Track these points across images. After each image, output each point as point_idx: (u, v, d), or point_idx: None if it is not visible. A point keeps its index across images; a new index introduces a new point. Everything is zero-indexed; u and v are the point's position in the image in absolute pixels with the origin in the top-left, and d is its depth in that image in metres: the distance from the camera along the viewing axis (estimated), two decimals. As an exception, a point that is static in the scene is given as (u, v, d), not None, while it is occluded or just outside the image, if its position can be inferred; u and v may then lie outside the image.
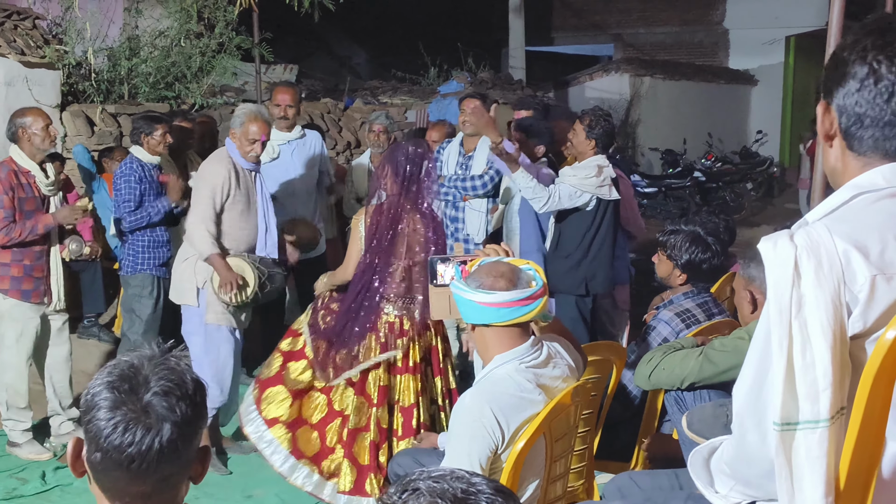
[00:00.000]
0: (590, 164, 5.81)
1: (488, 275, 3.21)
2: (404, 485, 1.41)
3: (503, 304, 3.15)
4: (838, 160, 1.86)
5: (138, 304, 6.18)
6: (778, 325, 1.69)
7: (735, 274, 4.41)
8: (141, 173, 6.10)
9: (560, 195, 5.73)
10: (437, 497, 1.37)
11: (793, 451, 1.71)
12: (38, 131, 5.59)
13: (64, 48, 8.27)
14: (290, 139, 6.87)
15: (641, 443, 4.46)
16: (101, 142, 8.19)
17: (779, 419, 1.71)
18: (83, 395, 1.80)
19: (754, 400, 1.81)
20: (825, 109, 1.84)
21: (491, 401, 3.12)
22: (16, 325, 5.71)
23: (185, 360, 1.85)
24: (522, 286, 3.19)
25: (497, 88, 12.84)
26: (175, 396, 1.76)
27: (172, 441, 1.75)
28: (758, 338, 1.80)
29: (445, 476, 1.42)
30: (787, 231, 1.73)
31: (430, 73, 13.92)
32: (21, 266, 5.64)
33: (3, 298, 5.66)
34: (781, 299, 1.69)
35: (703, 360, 3.87)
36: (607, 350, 4.29)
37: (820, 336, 1.66)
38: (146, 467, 1.74)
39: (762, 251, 1.72)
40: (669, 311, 4.62)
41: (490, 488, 1.41)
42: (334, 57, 19.71)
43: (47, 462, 5.70)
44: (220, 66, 9.34)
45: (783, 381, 1.69)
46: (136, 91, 8.95)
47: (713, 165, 16.33)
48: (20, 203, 5.58)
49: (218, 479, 5.29)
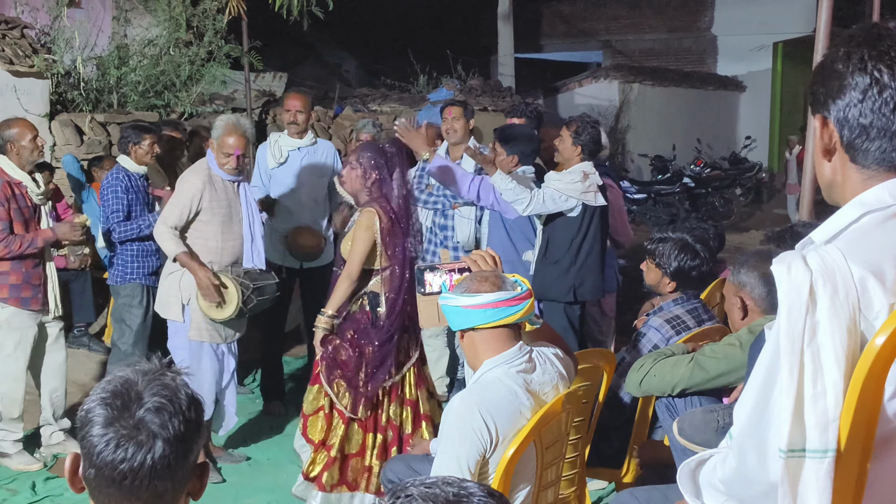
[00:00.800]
0: (575, 169, 5.81)
1: (472, 280, 3.25)
2: (396, 492, 1.42)
3: (488, 306, 3.17)
4: (837, 173, 1.82)
5: (128, 314, 6.17)
6: (789, 352, 1.65)
7: (725, 280, 4.43)
8: (127, 183, 6.09)
9: (544, 198, 5.71)
10: (429, 501, 1.38)
11: (799, 479, 1.70)
12: (25, 143, 5.57)
13: (53, 57, 8.26)
14: (300, 146, 6.77)
15: (633, 449, 4.47)
16: (90, 151, 8.18)
17: (785, 446, 1.68)
18: (79, 411, 1.80)
19: (756, 423, 1.79)
20: (823, 123, 1.81)
21: (480, 404, 3.13)
22: (14, 334, 5.69)
23: (180, 377, 1.84)
24: (507, 289, 3.21)
25: (486, 95, 12.86)
26: (168, 412, 1.75)
27: (165, 457, 1.74)
28: (763, 360, 1.77)
29: (437, 482, 1.43)
30: (798, 253, 1.69)
31: (420, 81, 13.94)
32: (20, 274, 5.62)
33: (3, 307, 5.64)
34: (794, 326, 1.65)
35: (693, 367, 3.88)
36: (597, 357, 4.30)
37: (833, 365, 1.64)
38: (139, 484, 1.74)
39: (775, 274, 1.68)
40: (659, 317, 4.62)
41: (482, 492, 1.42)
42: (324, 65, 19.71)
43: (38, 472, 5.67)
44: (210, 74, 9.34)
45: (792, 408, 1.67)
46: (126, 100, 8.94)
47: (702, 171, 16.38)
48: (18, 214, 5.57)
49: (210, 488, 5.26)
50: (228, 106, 9.80)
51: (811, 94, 1.84)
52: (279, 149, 6.73)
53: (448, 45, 15.28)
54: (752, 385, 1.80)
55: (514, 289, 3.22)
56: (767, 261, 3.75)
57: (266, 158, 6.84)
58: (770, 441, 1.75)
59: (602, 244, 6.07)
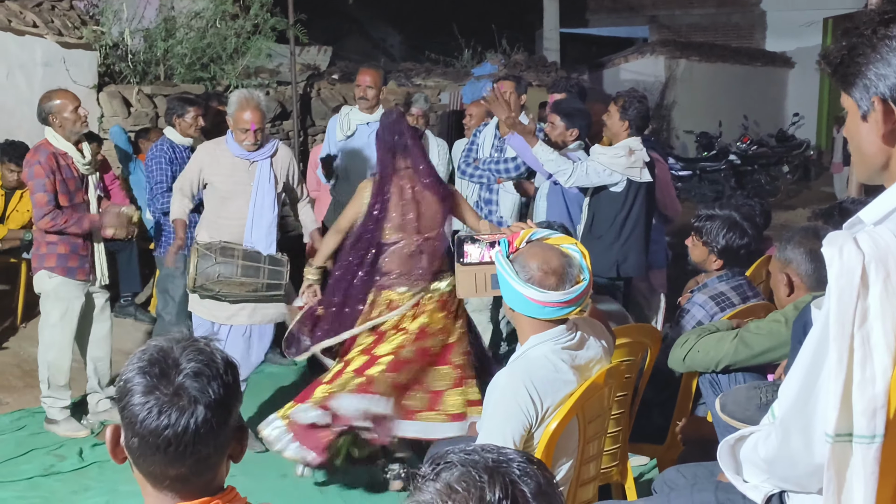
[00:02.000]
0: (622, 145, 5.78)
1: (539, 267, 3.14)
2: (436, 460, 1.43)
3: (548, 304, 3.12)
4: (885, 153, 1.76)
5: (172, 285, 6.24)
6: (839, 336, 1.63)
7: (770, 257, 4.38)
8: (172, 155, 6.15)
9: (588, 170, 5.69)
10: (469, 467, 1.38)
11: (845, 464, 1.67)
12: (67, 115, 5.59)
13: (101, 29, 8.33)
14: (369, 120, 6.75)
15: (675, 425, 4.45)
16: (137, 122, 8.25)
17: (832, 431, 1.67)
18: (116, 382, 1.82)
19: (802, 405, 1.77)
20: (885, 106, 1.73)
21: (525, 380, 3.12)
22: (61, 304, 5.76)
23: (213, 342, 1.86)
24: (570, 282, 3.15)
25: (531, 71, 12.80)
26: (206, 377, 1.78)
27: (207, 421, 1.76)
28: (810, 342, 1.74)
29: (476, 449, 1.44)
30: (850, 234, 1.66)
31: (464, 55, 13.87)
32: (67, 244, 5.69)
33: (50, 276, 5.71)
34: (845, 311, 1.63)
35: (738, 343, 3.85)
36: (642, 333, 4.28)
37: (883, 350, 1.62)
38: (183, 449, 1.76)
39: (826, 256, 1.66)
40: (704, 294, 4.59)
41: (522, 458, 1.43)
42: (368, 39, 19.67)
43: (85, 439, 5.77)
44: (255, 47, 9.36)
45: (840, 393, 1.65)
46: (172, 72, 9.00)
47: (748, 148, 16.16)
48: (63, 185, 5.63)
49: (254, 458, 5.30)
50: (273, 79, 9.83)
51: (858, 77, 1.77)
52: (348, 122, 6.78)
53: (493, 19, 15.19)
54: (799, 366, 1.78)
55: (576, 279, 3.16)
56: (814, 237, 3.72)
57: (335, 131, 6.87)
58: (816, 424, 1.73)
59: (647, 220, 6.04)
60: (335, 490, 5.11)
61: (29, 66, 7.97)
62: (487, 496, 1.35)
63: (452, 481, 1.38)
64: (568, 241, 3.32)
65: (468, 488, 1.37)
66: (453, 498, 1.36)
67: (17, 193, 7.34)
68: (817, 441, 1.73)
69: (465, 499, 1.36)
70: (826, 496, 1.71)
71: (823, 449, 1.70)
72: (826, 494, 1.71)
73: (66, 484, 5.25)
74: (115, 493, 5.07)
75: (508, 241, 3.29)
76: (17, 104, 7.95)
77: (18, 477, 5.27)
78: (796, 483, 1.94)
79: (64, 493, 5.13)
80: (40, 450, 5.64)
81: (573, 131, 6.21)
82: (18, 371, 6.74)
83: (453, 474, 1.39)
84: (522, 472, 1.40)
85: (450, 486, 1.38)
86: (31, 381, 6.55)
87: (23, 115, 7.93)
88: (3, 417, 6.07)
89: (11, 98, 7.93)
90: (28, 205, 7.21)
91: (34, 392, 6.28)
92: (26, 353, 6.99)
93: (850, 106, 1.79)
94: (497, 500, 1.35)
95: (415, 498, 1.40)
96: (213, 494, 1.85)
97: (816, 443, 1.74)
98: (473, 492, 1.36)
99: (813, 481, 1.86)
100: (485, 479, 1.37)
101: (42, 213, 5.56)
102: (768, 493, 2.08)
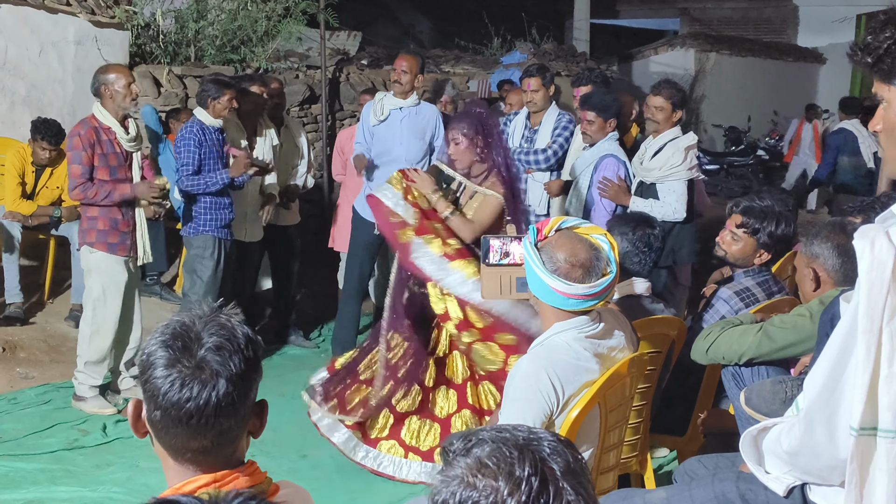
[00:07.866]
0: (680, 148, 5.87)
1: (567, 259, 3.11)
2: (468, 437, 1.44)
3: (573, 296, 3.09)
4: None
5: (200, 265, 6.27)
6: (868, 330, 1.63)
7: (796, 253, 4.35)
8: (201, 136, 6.17)
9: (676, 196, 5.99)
10: (499, 443, 1.40)
11: (869, 458, 1.67)
12: (120, 88, 5.66)
13: (133, 9, 8.38)
14: (402, 105, 6.80)
15: (697, 417, 4.45)
16: (167, 103, 8.29)
17: (857, 424, 1.66)
18: (138, 356, 1.84)
19: (827, 397, 1.77)
20: None
21: (547, 366, 3.11)
22: (102, 278, 5.81)
23: (235, 317, 1.88)
24: (596, 275, 3.10)
25: (560, 60, 12.75)
26: (228, 351, 1.80)
27: (229, 394, 1.79)
28: (837, 335, 1.73)
29: (507, 428, 1.46)
30: (882, 227, 1.66)
31: (494, 44, 13.82)
32: (108, 220, 5.75)
33: (91, 251, 5.78)
34: (875, 305, 1.62)
35: (762, 336, 3.83)
36: (666, 325, 4.28)
37: None
38: (205, 422, 1.78)
39: (857, 249, 1.65)
40: (729, 289, 4.56)
41: (552, 436, 1.44)
42: (398, 25, 19.66)
43: (109, 416, 5.83)
44: (286, 30, 9.40)
45: (867, 387, 1.64)
46: (203, 53, 9.04)
47: (777, 144, 16.07)
48: (103, 159, 5.68)
49: (273, 438, 5.35)
50: (303, 63, 9.85)
51: None
52: (381, 106, 6.80)
53: (523, 8, 15.14)
54: (825, 359, 1.78)
55: (603, 272, 3.12)
56: (841, 232, 3.70)
57: (369, 116, 6.91)
58: (841, 417, 1.73)
59: (694, 211, 6.24)
60: (353, 469, 5.14)
61: (61, 44, 8.02)
62: (517, 472, 1.37)
63: (483, 456, 1.40)
64: (598, 231, 3.29)
65: (498, 463, 1.38)
66: (483, 472, 1.38)
67: (46, 171, 7.39)
68: (841, 434, 1.73)
69: (494, 474, 1.37)
70: (848, 489, 1.71)
71: (847, 442, 1.70)
72: (848, 487, 1.71)
73: (88, 458, 5.30)
74: (136, 468, 5.13)
75: (537, 228, 3.26)
76: (48, 82, 8.01)
77: (42, 450, 5.32)
78: (818, 475, 1.94)
79: (86, 467, 5.18)
80: (64, 424, 5.69)
81: (611, 122, 6.25)
82: (45, 346, 6.80)
83: (484, 450, 1.40)
84: (553, 450, 1.42)
85: (480, 461, 1.39)
86: (56, 356, 6.61)
87: (55, 93, 8.00)
88: (29, 391, 6.12)
89: (43, 75, 7.99)
90: (58, 181, 7.28)
91: (60, 367, 6.35)
92: (53, 329, 7.06)
93: (891, 97, 1.78)
94: (526, 476, 1.36)
95: (445, 472, 1.42)
96: (233, 468, 1.87)
97: (840, 435, 1.74)
98: (503, 467, 1.37)
99: (835, 474, 1.86)
100: (515, 456, 1.38)
101: (74, 185, 5.66)
102: (790, 484, 2.08)
